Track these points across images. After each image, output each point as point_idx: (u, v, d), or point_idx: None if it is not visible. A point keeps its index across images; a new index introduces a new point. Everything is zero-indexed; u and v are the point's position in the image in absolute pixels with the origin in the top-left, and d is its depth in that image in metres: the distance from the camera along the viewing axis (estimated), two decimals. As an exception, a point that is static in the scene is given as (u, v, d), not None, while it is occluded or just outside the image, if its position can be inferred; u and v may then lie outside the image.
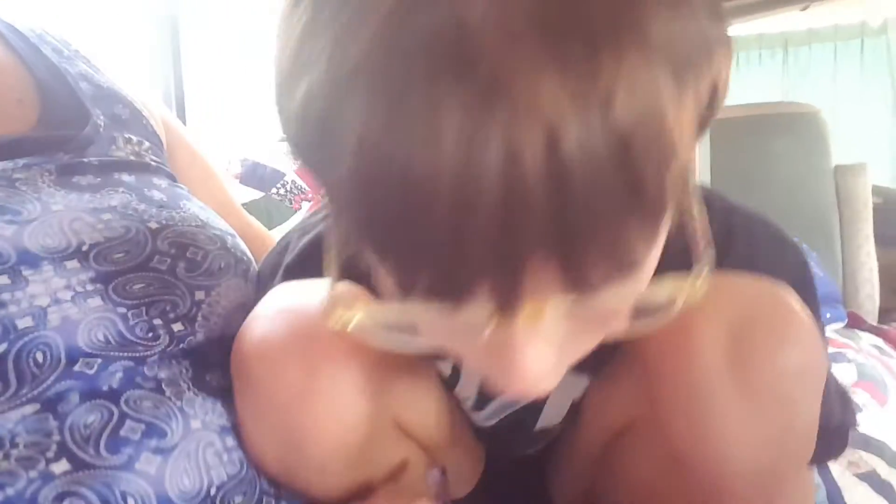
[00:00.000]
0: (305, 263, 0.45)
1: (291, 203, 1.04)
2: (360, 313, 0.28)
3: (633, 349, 0.41)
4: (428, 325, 0.29)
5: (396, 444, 0.45)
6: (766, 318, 0.36)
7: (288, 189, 1.05)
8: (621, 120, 0.21)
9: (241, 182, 1.01)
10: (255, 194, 1.00)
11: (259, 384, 0.39)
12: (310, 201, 1.07)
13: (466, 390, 0.49)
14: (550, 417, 0.50)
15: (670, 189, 0.23)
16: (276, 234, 0.97)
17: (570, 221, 0.22)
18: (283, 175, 1.06)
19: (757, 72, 3.19)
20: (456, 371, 0.48)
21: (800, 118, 1.73)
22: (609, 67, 0.21)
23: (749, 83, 3.15)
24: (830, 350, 1.17)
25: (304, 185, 1.08)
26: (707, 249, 0.30)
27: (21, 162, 0.44)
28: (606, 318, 0.29)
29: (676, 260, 0.29)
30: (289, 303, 0.40)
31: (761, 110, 1.87)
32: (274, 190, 1.04)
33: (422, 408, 0.47)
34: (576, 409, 0.49)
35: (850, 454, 0.75)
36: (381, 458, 0.43)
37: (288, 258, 0.46)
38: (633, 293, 0.28)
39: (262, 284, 0.47)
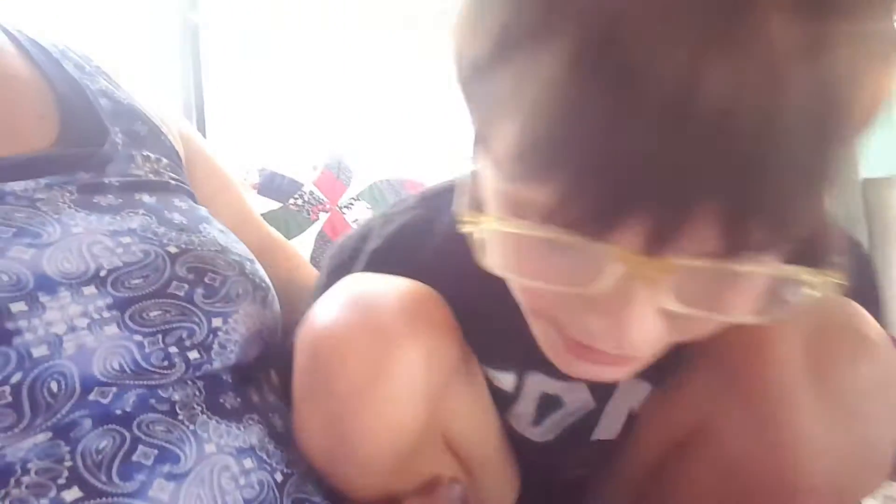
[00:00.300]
0: (392, 251, 0.44)
1: (309, 214, 1.03)
2: (491, 223, 0.29)
3: (698, 357, 0.40)
4: (545, 259, 0.28)
5: (438, 456, 0.44)
6: (844, 330, 0.36)
7: (306, 200, 1.05)
8: (841, 75, 0.22)
9: (258, 192, 1.01)
10: (273, 205, 1.00)
11: (323, 367, 0.38)
12: (327, 212, 1.07)
13: (525, 405, 0.48)
14: (607, 429, 0.49)
15: (847, 165, 0.24)
16: (294, 245, 0.97)
17: (765, 172, 0.22)
18: (301, 185, 1.06)
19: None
20: (518, 385, 0.47)
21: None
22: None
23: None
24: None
25: (321, 196, 1.07)
26: (838, 243, 0.29)
27: (43, 182, 0.44)
28: (728, 302, 0.28)
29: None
30: (366, 294, 0.39)
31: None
32: (292, 200, 1.03)
33: (471, 423, 0.46)
34: (631, 422, 0.48)
35: (886, 487, 0.73)
36: (421, 468, 0.42)
37: (372, 244, 0.45)
38: (764, 277, 0.27)
39: (335, 266, 0.46)
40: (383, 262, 0.43)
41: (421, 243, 0.44)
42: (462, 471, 0.46)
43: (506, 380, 0.47)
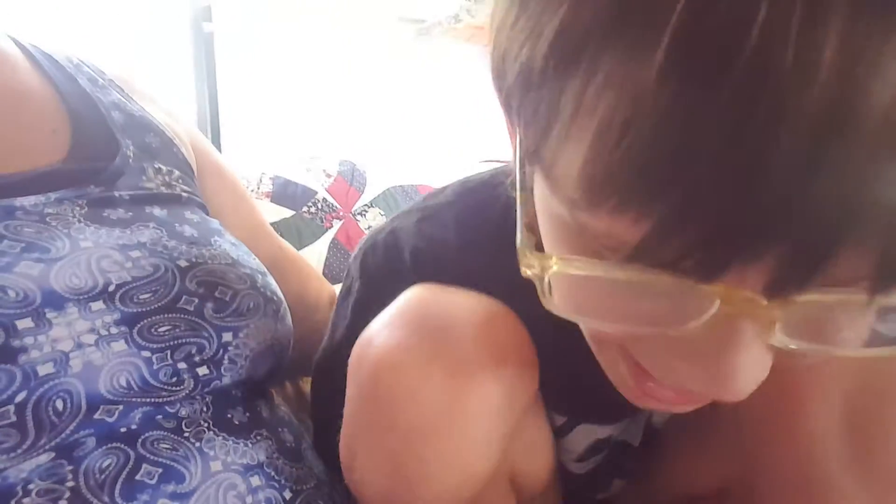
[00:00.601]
0: (436, 254, 0.39)
1: (323, 221, 1.03)
2: (559, 264, 0.24)
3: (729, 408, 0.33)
4: (626, 301, 0.23)
5: (503, 498, 0.40)
6: (890, 389, 0.31)
7: (319, 207, 1.04)
8: None
9: (271, 200, 1.00)
10: (286, 212, 0.99)
11: (386, 399, 0.32)
12: (341, 219, 1.06)
13: (574, 444, 0.44)
14: (634, 436, 0.46)
15: None
16: (307, 254, 0.97)
17: None
18: (315, 193, 1.05)
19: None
20: (567, 427, 0.43)
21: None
22: None
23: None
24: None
25: (335, 203, 1.07)
26: None
27: (53, 196, 0.43)
28: (839, 332, 0.23)
29: None
30: (438, 315, 0.33)
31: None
32: (305, 208, 1.03)
33: (537, 461, 0.42)
34: (653, 431, 0.45)
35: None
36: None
37: (410, 243, 0.40)
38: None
39: (376, 272, 0.41)
40: (427, 264, 0.38)
41: (467, 249, 0.39)
42: None
43: (555, 419, 0.43)
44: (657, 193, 0.19)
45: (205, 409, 0.41)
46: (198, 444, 0.39)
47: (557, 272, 0.24)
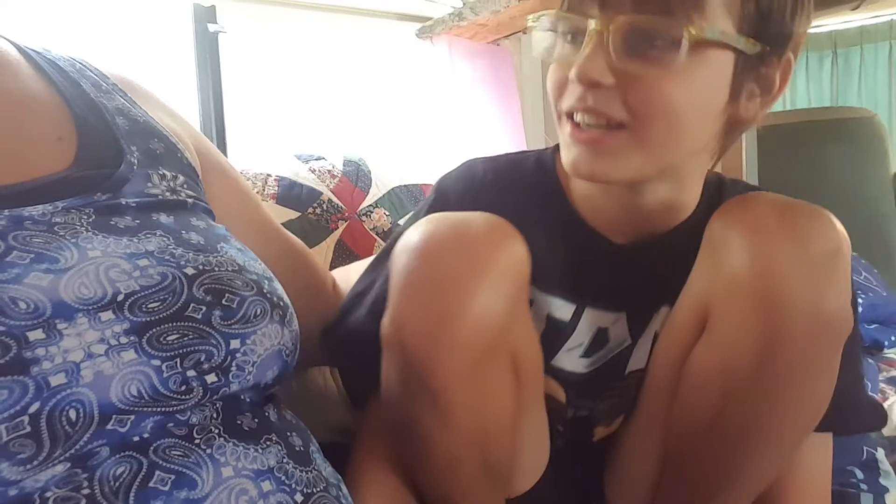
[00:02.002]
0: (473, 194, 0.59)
1: (328, 223, 1.03)
2: (541, 18, 0.52)
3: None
4: (562, 39, 0.51)
5: (506, 373, 0.51)
6: (807, 209, 0.48)
7: (324, 208, 1.04)
8: None
9: (277, 202, 1.01)
10: (292, 214, 0.99)
11: (428, 261, 0.45)
12: (346, 220, 1.06)
13: (580, 337, 0.59)
14: (639, 360, 0.60)
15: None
16: (314, 254, 0.97)
17: None
18: (320, 194, 1.05)
19: (803, 75, 3.07)
20: (576, 316, 0.58)
21: (854, 123, 1.65)
22: None
23: (797, 87, 3.04)
24: (894, 373, 1.10)
25: (340, 204, 1.07)
26: None
27: (60, 205, 0.44)
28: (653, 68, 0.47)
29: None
30: (457, 215, 0.49)
31: (811, 116, 1.79)
32: (310, 210, 1.03)
33: (531, 347, 0.55)
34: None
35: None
36: (495, 369, 0.49)
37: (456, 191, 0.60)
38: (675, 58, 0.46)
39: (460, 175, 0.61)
40: (469, 191, 0.59)
41: (514, 180, 0.60)
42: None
43: (565, 309, 0.58)
44: None
45: (215, 415, 0.42)
46: (209, 451, 0.39)
47: (532, 25, 0.53)
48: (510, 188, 0.59)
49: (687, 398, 0.54)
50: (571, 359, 0.60)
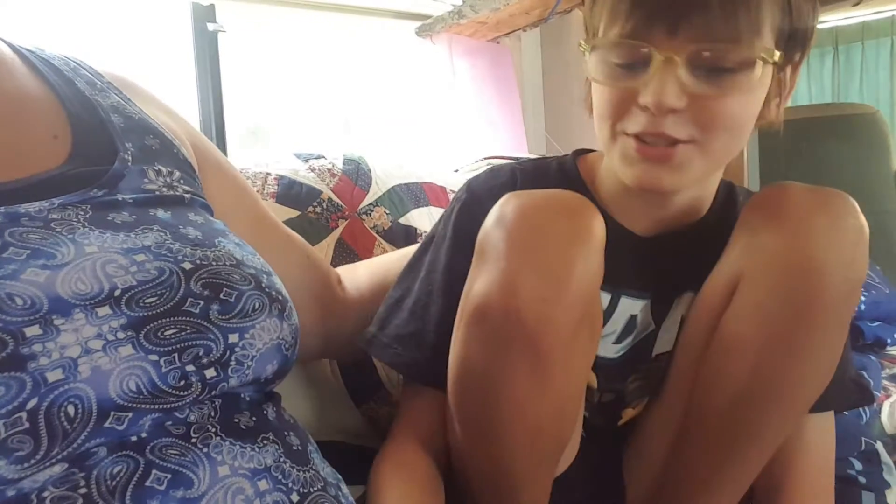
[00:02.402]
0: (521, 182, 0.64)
1: (328, 221, 1.03)
2: (595, 46, 0.55)
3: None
4: (615, 70, 0.54)
5: (592, 339, 0.54)
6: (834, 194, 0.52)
7: (324, 207, 1.04)
8: None
9: (276, 201, 1.00)
10: (291, 213, 0.99)
11: (535, 228, 0.48)
12: (346, 219, 1.06)
13: (615, 324, 0.63)
14: (666, 342, 0.64)
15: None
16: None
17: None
18: (320, 193, 1.05)
19: (804, 72, 3.06)
20: (612, 304, 0.62)
21: (856, 120, 1.64)
22: None
23: (798, 84, 3.03)
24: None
25: (340, 203, 1.06)
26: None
27: (57, 202, 0.43)
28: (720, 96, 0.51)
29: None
30: (549, 191, 0.51)
31: (813, 112, 1.79)
32: (310, 208, 1.02)
33: (600, 321, 0.56)
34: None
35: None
36: (586, 339, 0.52)
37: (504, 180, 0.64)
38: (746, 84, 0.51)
39: (488, 175, 0.65)
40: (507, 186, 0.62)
41: (542, 180, 0.63)
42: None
43: (603, 299, 0.61)
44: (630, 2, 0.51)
45: (212, 413, 0.42)
46: (205, 450, 0.39)
47: (587, 50, 0.56)
48: (540, 186, 0.61)
49: (717, 367, 0.56)
50: (605, 345, 0.63)
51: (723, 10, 0.48)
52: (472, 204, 0.62)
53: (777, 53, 0.51)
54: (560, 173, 0.66)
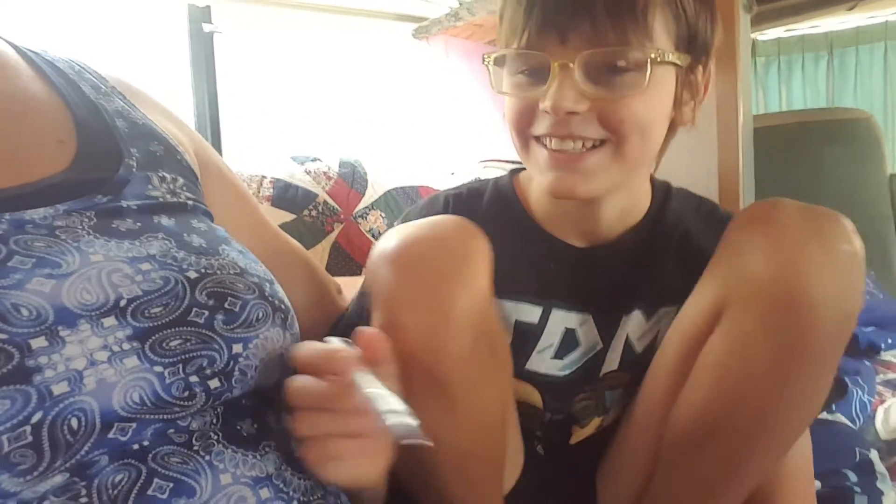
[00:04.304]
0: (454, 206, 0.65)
1: (324, 225, 1.03)
2: (498, 55, 0.57)
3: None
4: (521, 73, 0.56)
5: (494, 360, 0.54)
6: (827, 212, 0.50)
7: (320, 211, 1.04)
8: None
9: (272, 204, 1.00)
10: (287, 216, 0.99)
11: (417, 260, 0.48)
12: (342, 222, 1.06)
13: (549, 338, 0.62)
14: (612, 361, 0.63)
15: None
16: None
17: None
18: (316, 196, 1.05)
19: (799, 76, 3.08)
20: (543, 318, 0.62)
21: (850, 124, 1.65)
22: None
23: (792, 88, 3.05)
24: (891, 376, 1.10)
25: (335, 206, 1.06)
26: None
27: (61, 208, 0.43)
28: (616, 93, 0.52)
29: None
30: (430, 219, 0.51)
31: (808, 117, 1.80)
32: (306, 212, 1.02)
33: (503, 340, 0.57)
34: (629, 359, 0.62)
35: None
36: (487, 361, 0.52)
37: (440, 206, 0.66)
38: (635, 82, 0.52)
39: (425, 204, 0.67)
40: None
41: (476, 202, 0.65)
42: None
43: (532, 313, 0.62)
44: (524, 16, 0.53)
45: (214, 420, 0.41)
46: (207, 458, 0.39)
47: (490, 62, 0.58)
48: (472, 209, 0.65)
49: (696, 392, 0.54)
50: (544, 361, 0.63)
51: (609, 16, 0.51)
52: None
53: (673, 54, 0.53)
54: (495, 193, 0.67)
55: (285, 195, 1.03)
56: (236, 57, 1.47)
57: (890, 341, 1.14)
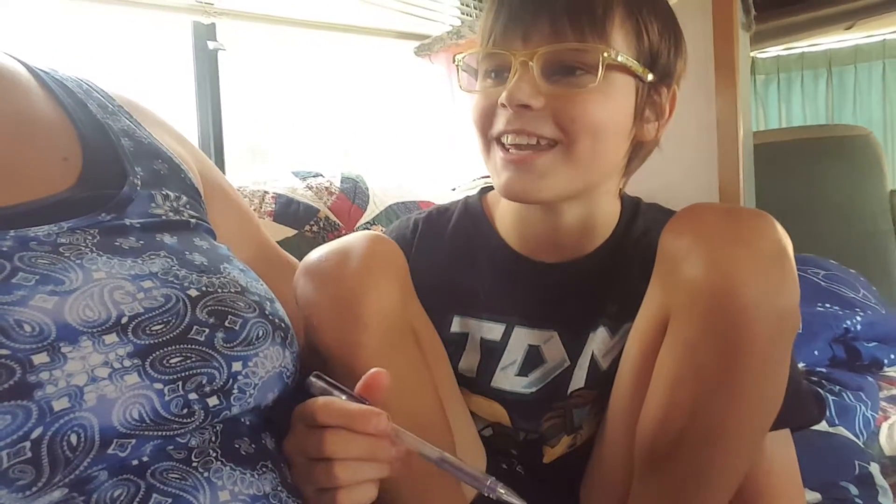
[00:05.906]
0: (421, 229, 0.69)
1: (326, 240, 1.03)
2: (469, 57, 0.60)
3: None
4: (489, 76, 0.59)
5: (419, 353, 0.57)
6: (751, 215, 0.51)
7: (321, 226, 1.04)
8: None
9: (274, 220, 1.00)
10: (288, 232, 0.99)
11: (331, 271, 0.52)
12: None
13: (512, 355, 0.63)
14: (579, 379, 0.63)
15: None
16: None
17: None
18: (317, 211, 1.05)
19: (798, 93, 3.10)
20: (506, 335, 0.63)
21: (850, 141, 1.66)
22: None
23: (792, 106, 3.07)
24: (894, 392, 1.10)
25: (337, 222, 1.07)
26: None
27: (66, 225, 0.44)
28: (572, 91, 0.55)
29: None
30: (350, 236, 0.55)
31: (808, 133, 1.80)
32: (307, 227, 1.02)
33: (431, 334, 0.62)
34: (595, 376, 0.63)
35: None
36: (409, 353, 0.56)
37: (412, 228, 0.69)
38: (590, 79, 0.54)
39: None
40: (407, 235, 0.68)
41: (444, 223, 0.69)
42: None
43: (495, 330, 0.64)
44: (493, 19, 0.57)
45: (213, 438, 0.42)
46: (206, 474, 0.39)
47: (459, 61, 0.62)
48: (439, 232, 0.68)
49: (655, 405, 0.54)
50: (508, 378, 0.64)
51: (568, 17, 0.53)
52: None
53: (629, 60, 0.55)
54: (463, 211, 0.69)
55: (287, 210, 1.03)
56: (240, 74, 1.48)
57: (893, 357, 1.13)
